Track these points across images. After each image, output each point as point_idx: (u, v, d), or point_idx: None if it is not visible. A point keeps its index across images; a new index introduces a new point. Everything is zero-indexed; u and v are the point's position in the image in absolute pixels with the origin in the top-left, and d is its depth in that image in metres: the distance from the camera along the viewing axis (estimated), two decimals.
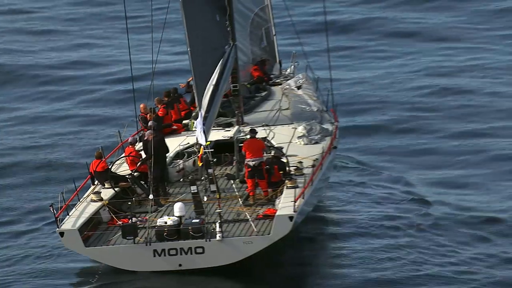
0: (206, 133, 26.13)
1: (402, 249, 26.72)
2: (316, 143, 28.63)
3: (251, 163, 25.75)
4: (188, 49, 26.91)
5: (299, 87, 32.80)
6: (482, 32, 66.77)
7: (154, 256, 23.78)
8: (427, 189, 33.59)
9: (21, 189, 35.72)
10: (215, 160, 26.99)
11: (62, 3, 79.92)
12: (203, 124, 26.03)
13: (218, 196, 25.71)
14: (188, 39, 27.70)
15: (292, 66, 34.96)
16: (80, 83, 53.69)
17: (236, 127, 29.44)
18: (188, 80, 30.63)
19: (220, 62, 29.28)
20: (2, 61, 66.11)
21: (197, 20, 28.83)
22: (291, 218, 23.04)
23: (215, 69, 28.61)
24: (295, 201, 23.67)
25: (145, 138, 27.24)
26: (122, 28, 50.54)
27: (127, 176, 27.02)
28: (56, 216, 23.70)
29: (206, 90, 28.17)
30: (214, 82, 28.12)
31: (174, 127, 29.98)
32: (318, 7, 53.25)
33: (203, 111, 26.80)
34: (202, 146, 25.95)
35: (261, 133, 28.66)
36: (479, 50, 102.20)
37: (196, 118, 28.27)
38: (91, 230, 24.51)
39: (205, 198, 26.12)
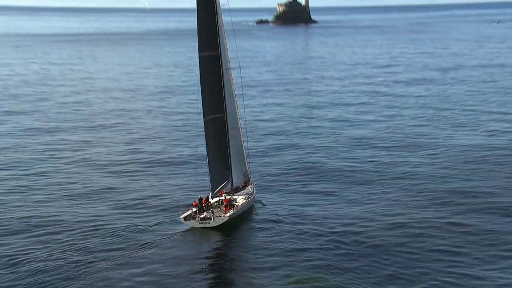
0: (213, 196, 48.37)
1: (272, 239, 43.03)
2: (248, 198, 49.40)
3: (224, 203, 47.00)
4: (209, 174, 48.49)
5: (250, 187, 51.74)
6: None
7: (199, 223, 44.81)
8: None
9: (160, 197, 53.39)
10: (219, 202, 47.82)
11: None
12: (213, 194, 48.39)
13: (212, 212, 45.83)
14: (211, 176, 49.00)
15: (255, 184, 52.67)
16: None
17: (230, 196, 49.28)
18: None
19: (227, 180, 50.45)
20: None
21: (219, 172, 49.38)
22: (227, 216, 45.16)
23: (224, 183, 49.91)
24: (230, 212, 45.93)
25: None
26: None
27: (197, 205, 46.05)
28: (179, 215, 45.47)
29: (216, 188, 48.92)
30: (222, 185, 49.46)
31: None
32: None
33: (213, 191, 48.47)
34: (209, 198, 48.33)
35: (236, 197, 49.48)
36: None
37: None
38: (189, 217, 45.24)
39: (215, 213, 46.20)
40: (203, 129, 48.56)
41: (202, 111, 47.88)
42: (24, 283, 37.17)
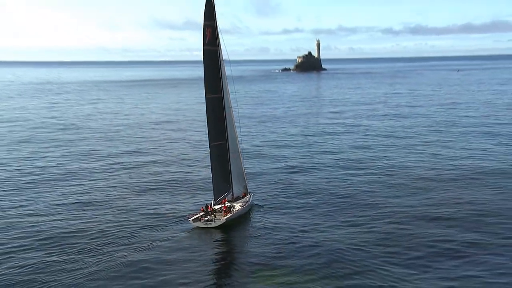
0: (215, 204, 46.20)
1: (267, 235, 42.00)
2: (244, 205, 47.58)
3: (224, 209, 45.49)
4: (212, 188, 46.59)
5: (247, 197, 49.88)
6: None
7: (204, 223, 43.21)
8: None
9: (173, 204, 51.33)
10: (221, 208, 45.70)
11: None
12: (216, 202, 46.29)
13: (214, 215, 44.33)
14: (214, 186, 46.85)
15: (251, 195, 50.59)
16: None
17: (230, 203, 47.34)
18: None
19: (228, 191, 48.40)
20: None
21: (220, 185, 47.60)
22: (224, 219, 43.57)
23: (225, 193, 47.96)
24: (227, 216, 44.40)
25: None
26: None
27: (204, 210, 44.56)
28: (188, 217, 44.08)
29: (218, 197, 47.03)
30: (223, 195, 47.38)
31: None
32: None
33: (215, 199, 46.60)
34: (214, 205, 46.35)
35: (234, 204, 47.47)
36: None
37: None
38: (196, 220, 43.63)
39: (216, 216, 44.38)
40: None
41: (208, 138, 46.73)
42: (59, 268, 36.85)
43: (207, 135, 46.45)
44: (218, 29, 45.23)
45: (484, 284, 32.60)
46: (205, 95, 45.64)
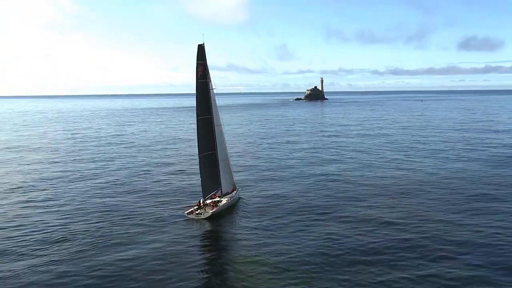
0: (205, 200, 42.46)
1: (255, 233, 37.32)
2: (229, 200, 44.17)
3: (211, 204, 42.11)
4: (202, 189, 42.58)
5: (234, 193, 46.59)
6: None
7: (196, 216, 39.90)
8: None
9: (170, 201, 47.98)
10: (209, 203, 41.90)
11: None
12: (205, 199, 42.35)
13: (204, 209, 41.03)
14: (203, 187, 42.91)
15: (238, 190, 47.57)
16: None
17: (219, 198, 43.84)
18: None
19: (216, 190, 44.68)
20: None
21: (209, 186, 43.72)
22: (212, 212, 40.27)
23: (212, 192, 44.08)
24: (213, 210, 40.95)
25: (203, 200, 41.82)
26: None
27: (197, 205, 41.41)
28: (184, 210, 41.21)
29: (205, 195, 43.00)
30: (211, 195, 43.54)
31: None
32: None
33: (204, 197, 42.57)
34: (203, 201, 42.47)
35: (222, 199, 43.90)
36: None
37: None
38: (190, 213, 40.43)
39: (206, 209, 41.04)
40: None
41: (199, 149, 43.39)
42: (68, 249, 35.23)
43: (197, 148, 43.19)
44: (207, 67, 43.11)
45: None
46: (197, 117, 42.19)
